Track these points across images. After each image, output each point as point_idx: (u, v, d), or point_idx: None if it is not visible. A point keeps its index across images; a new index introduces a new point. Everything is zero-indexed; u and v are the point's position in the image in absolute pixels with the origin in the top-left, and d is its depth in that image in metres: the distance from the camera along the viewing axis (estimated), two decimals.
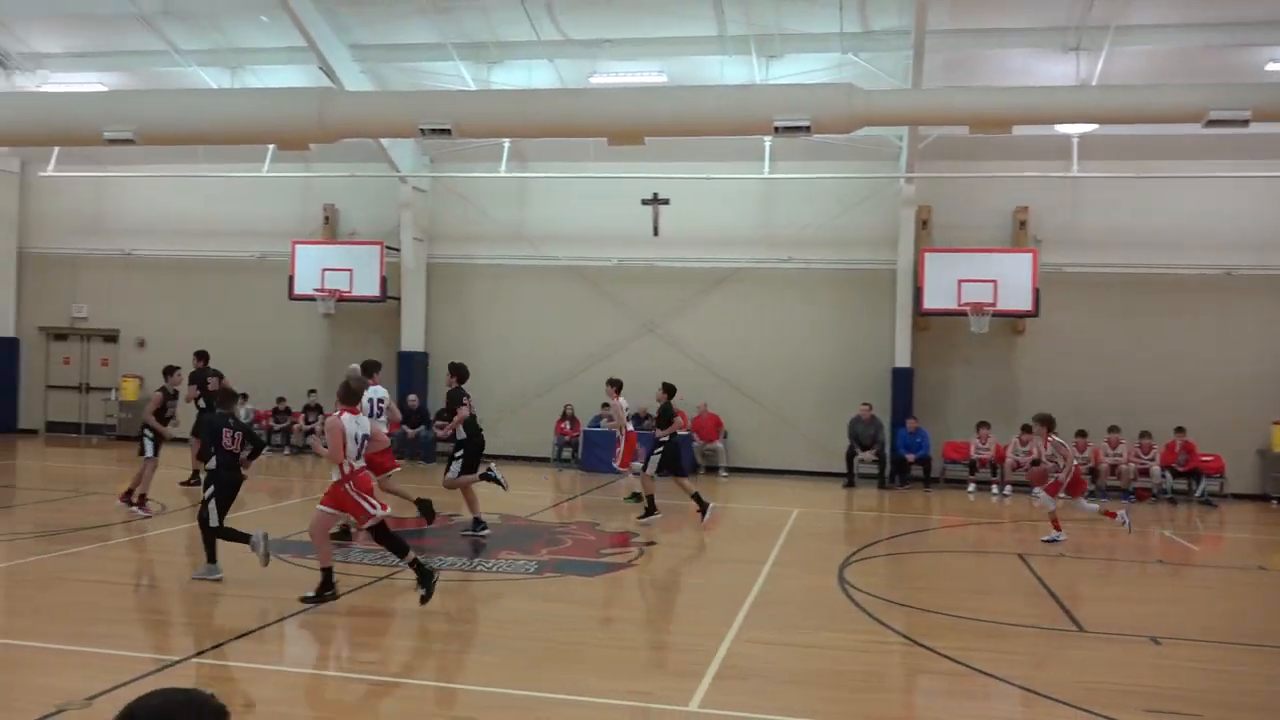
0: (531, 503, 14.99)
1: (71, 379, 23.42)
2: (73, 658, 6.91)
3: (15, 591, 9.19)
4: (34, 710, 5.75)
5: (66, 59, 20.29)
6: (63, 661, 6.85)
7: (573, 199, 20.56)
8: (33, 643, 7.32)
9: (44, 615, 8.20)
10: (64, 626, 7.76)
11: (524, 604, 8.93)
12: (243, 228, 22.03)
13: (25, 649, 7.19)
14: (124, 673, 6.45)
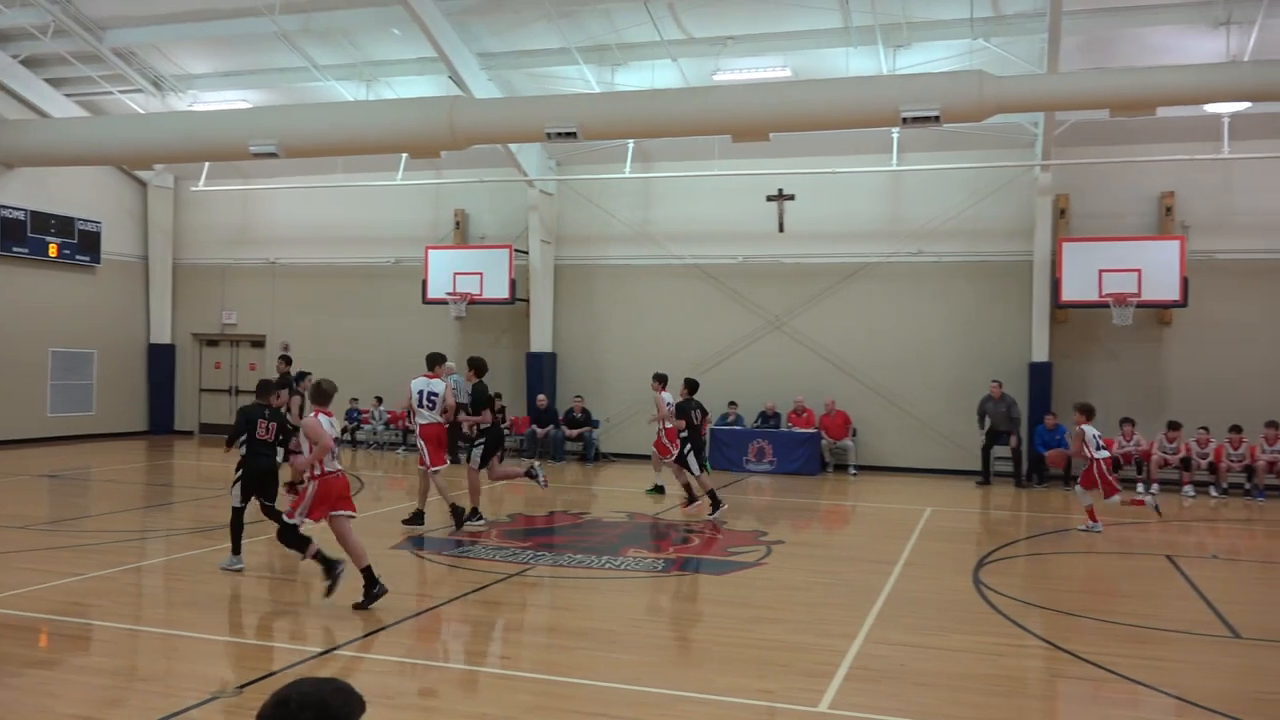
0: (658, 501, 15.02)
1: (222, 383, 24.65)
2: (225, 648, 7.26)
3: (173, 584, 9.71)
4: (190, 697, 6.07)
5: (214, 78, 21.36)
6: (216, 651, 7.20)
7: (697, 197, 20.56)
8: (189, 633, 7.73)
9: (199, 607, 8.64)
10: (217, 618, 8.16)
11: (653, 602, 8.97)
12: (378, 234, 22.78)
13: (182, 639, 7.59)
14: (272, 663, 6.74)
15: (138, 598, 9.25)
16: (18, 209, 21.10)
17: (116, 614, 8.41)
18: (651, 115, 17.09)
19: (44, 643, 7.50)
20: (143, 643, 7.58)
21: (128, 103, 21.81)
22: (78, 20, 19.61)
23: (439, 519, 12.74)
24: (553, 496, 15.83)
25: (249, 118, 19.43)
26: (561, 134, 17.06)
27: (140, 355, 23.91)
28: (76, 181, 22.33)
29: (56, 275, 22.15)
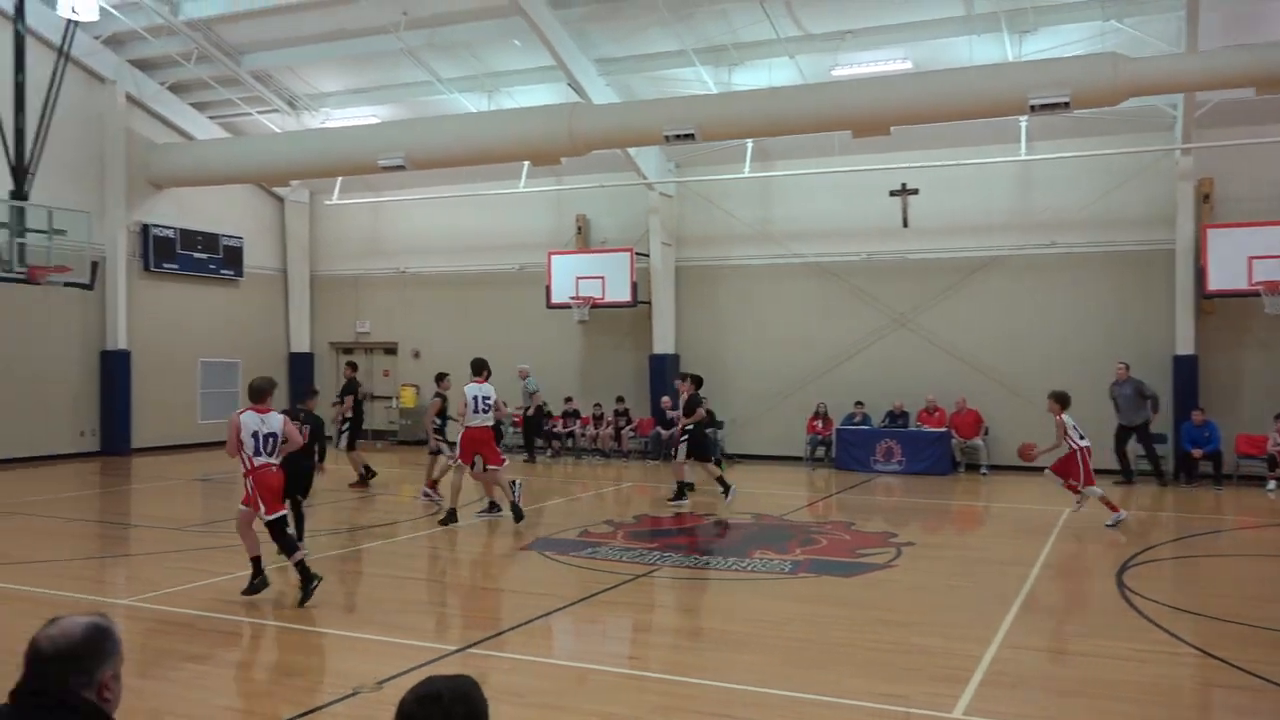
0: (785, 502, 14.92)
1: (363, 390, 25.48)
2: (365, 645, 7.51)
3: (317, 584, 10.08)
4: (332, 692, 6.31)
5: (344, 96, 22.17)
6: (356, 648, 7.46)
7: (818, 195, 20.33)
8: (330, 630, 8.03)
9: (341, 606, 8.98)
10: (357, 616, 8.46)
11: (780, 603, 8.90)
12: (503, 242, 23.25)
13: (324, 635, 7.90)
14: (410, 659, 6.95)
15: (282, 596, 9.66)
16: (168, 228, 22.29)
17: (263, 611, 8.80)
18: (770, 114, 17.02)
19: (198, 638, 7.90)
20: (287, 639, 7.91)
21: (265, 123, 22.82)
22: (218, 46, 20.62)
23: (564, 521, 12.89)
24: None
25: (377, 133, 20.13)
26: (680, 136, 17.15)
27: (281, 363, 24.95)
28: (220, 200, 23.47)
29: (203, 289, 23.32)
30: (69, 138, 19.34)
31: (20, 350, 19.38)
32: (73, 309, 20.20)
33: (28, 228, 16.21)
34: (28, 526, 12.85)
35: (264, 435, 8.78)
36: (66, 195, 18.84)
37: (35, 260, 16.24)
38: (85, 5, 17.36)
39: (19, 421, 19.39)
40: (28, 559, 10.68)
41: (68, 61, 17.50)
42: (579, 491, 16.98)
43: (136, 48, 20.95)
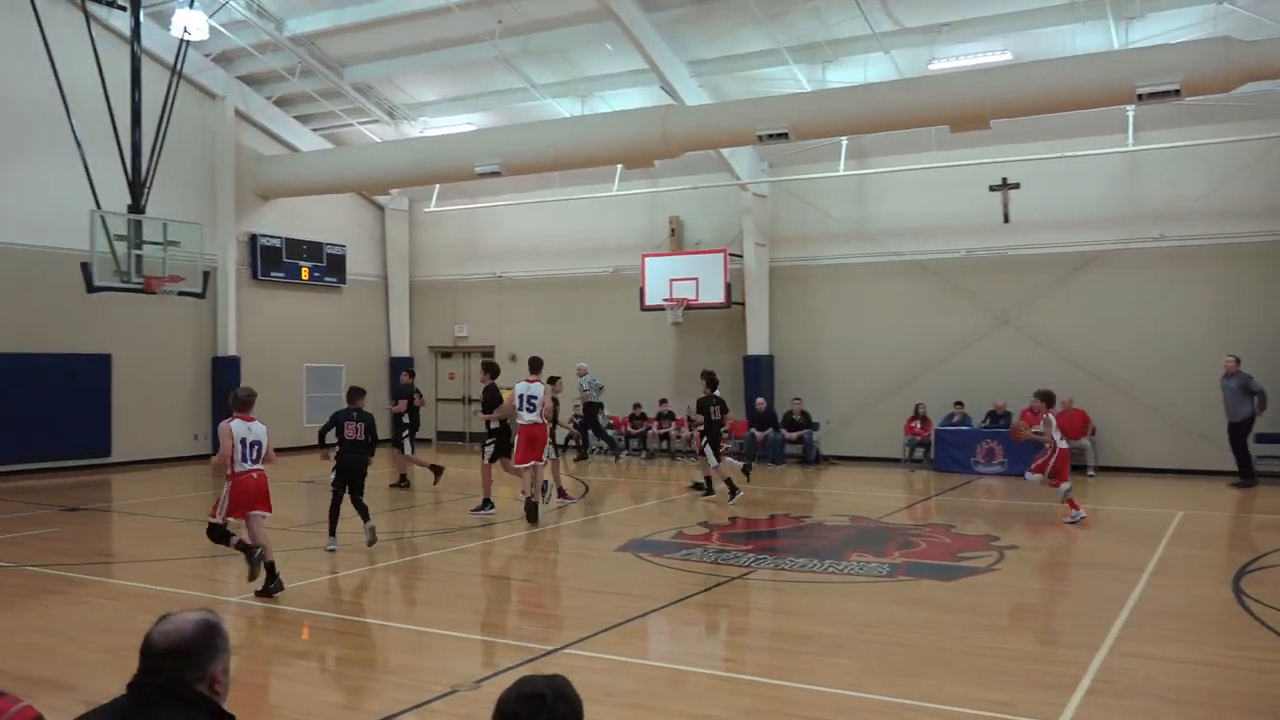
0: (882, 504, 14.70)
1: (455, 392, 25.99)
2: (463, 644, 7.65)
3: (416, 583, 10.33)
4: (432, 690, 6.44)
5: (442, 104, 22.62)
6: (455, 647, 7.60)
7: (915, 191, 19.98)
8: (431, 629, 8.20)
9: (440, 605, 9.16)
10: (456, 615, 8.62)
11: (878, 607, 8.78)
12: (596, 245, 23.42)
13: (424, 634, 8.07)
14: (507, 659, 7.05)
15: (386, 595, 9.90)
16: (274, 237, 23.04)
17: (367, 610, 9.04)
18: (864, 110, 16.81)
19: (305, 635, 8.15)
20: (389, 637, 8.10)
21: (366, 133, 23.43)
22: (321, 60, 21.24)
23: (658, 523, 12.91)
24: (774, 499, 15.78)
25: (474, 140, 20.50)
26: (773, 135, 17.05)
27: (383, 368, 25.55)
28: (323, 209, 24.15)
29: (308, 296, 24.03)
30: (182, 153, 20.12)
31: (139, 358, 20.23)
32: (186, 317, 21.03)
33: (144, 240, 16.89)
34: (145, 526, 13.42)
35: (250, 443, 9.17)
36: (179, 208, 19.61)
37: (151, 271, 16.90)
38: (197, 25, 18.06)
39: (139, 425, 20.26)
40: (144, 557, 11.15)
41: (181, 79, 18.20)
42: (673, 493, 17.00)
43: (244, 64, 21.72)
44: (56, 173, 18.12)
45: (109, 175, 17.01)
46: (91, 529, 13.16)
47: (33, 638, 7.83)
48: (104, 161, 16.96)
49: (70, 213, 17.62)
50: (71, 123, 16.46)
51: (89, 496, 15.94)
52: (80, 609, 8.75)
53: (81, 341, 19.17)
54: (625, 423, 22.42)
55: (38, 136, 18.25)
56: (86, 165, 16.47)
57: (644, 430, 22.04)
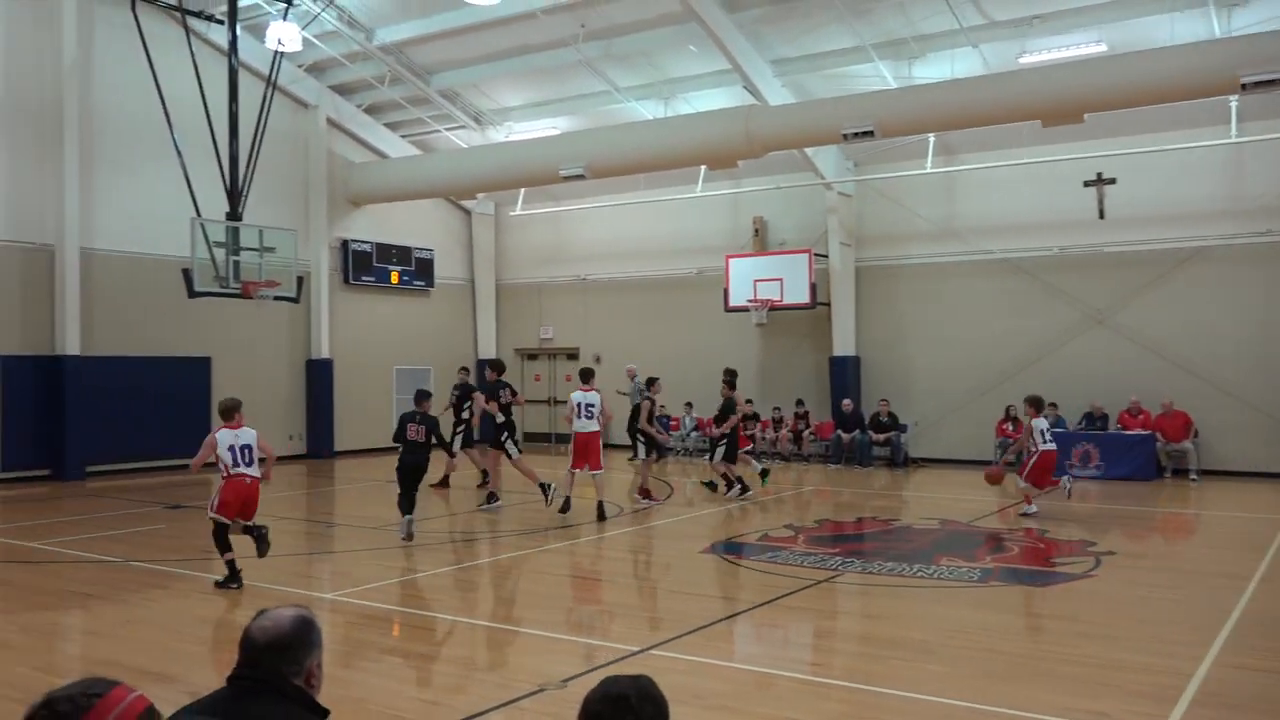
0: (973, 508, 14.41)
1: (542, 394, 26.23)
2: (551, 643, 7.71)
3: (504, 582, 10.45)
4: (520, 688, 6.50)
5: (527, 109, 22.88)
6: (542, 646, 7.66)
7: (1006, 188, 19.56)
8: (517, 628, 8.29)
9: (528, 604, 9.25)
10: (543, 614, 8.69)
11: (969, 613, 8.60)
12: (680, 246, 23.43)
13: (512, 633, 8.15)
14: (593, 659, 7.09)
15: (473, 593, 10.03)
16: (365, 242, 23.55)
17: (455, 608, 9.17)
18: (953, 106, 16.52)
19: (395, 632, 8.30)
20: (478, 635, 8.20)
21: (453, 139, 23.81)
22: (410, 68, 21.65)
23: (736, 526, 12.85)
24: (861, 502, 15.58)
25: (558, 144, 20.68)
26: (859, 134, 16.87)
27: (470, 369, 25.87)
28: (411, 214, 24.62)
29: (397, 300, 24.51)
30: (276, 161, 20.72)
31: (237, 360, 20.86)
32: (281, 321, 21.61)
33: (242, 246, 17.43)
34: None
35: (239, 447, 9.72)
36: (275, 215, 20.20)
37: (248, 276, 17.43)
38: (290, 37, 18.58)
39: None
40: (241, 555, 11.48)
41: (275, 90, 18.74)
42: (759, 495, 16.91)
43: (336, 74, 22.26)
44: (159, 182, 18.81)
45: (208, 184, 17.60)
46: (192, 526, 13.59)
47: (139, 631, 8.12)
48: (203, 171, 17.56)
49: (172, 221, 18.27)
50: (173, 134, 17.09)
51: (190, 495, 16.47)
52: (182, 603, 9.04)
53: (183, 345, 19.84)
54: (709, 424, 22.32)
55: (142, 148, 18.97)
56: (187, 175, 17.10)
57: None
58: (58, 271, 18.04)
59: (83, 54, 18.39)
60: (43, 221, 18.03)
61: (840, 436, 20.48)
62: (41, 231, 18.01)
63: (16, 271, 17.75)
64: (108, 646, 7.75)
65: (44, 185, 18.02)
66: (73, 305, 18.07)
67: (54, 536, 12.30)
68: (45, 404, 17.93)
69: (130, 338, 18.99)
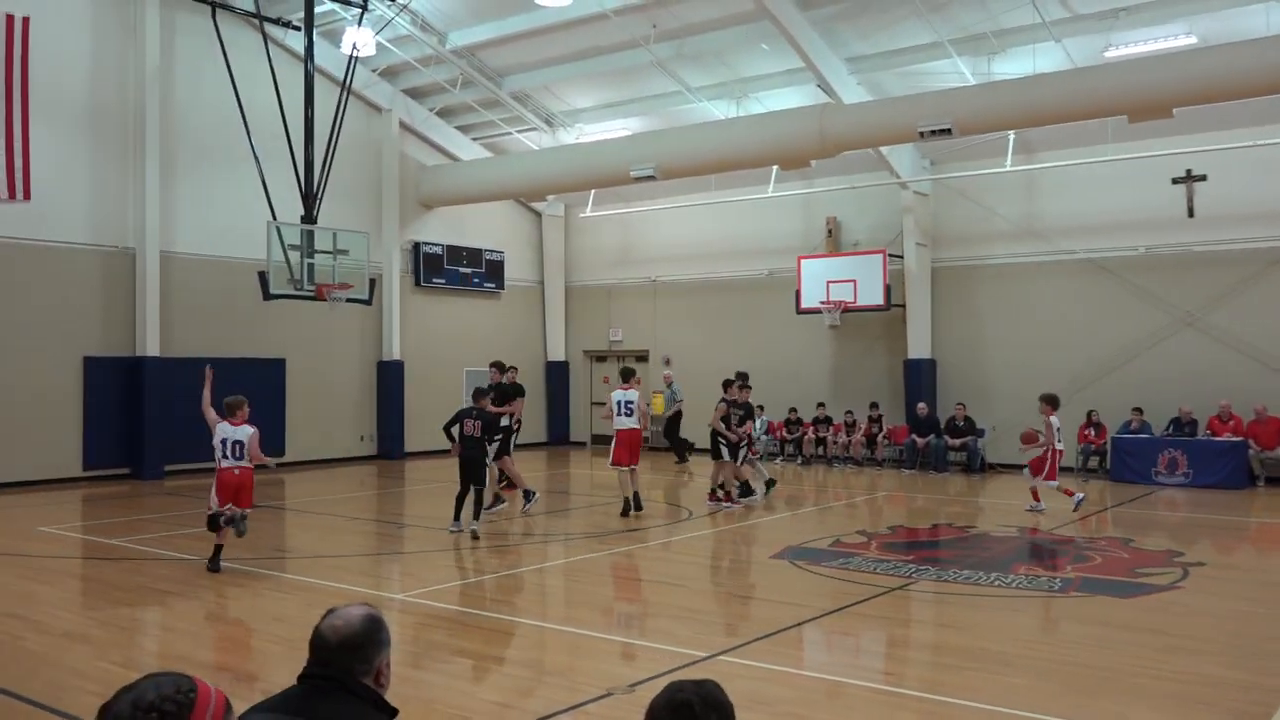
0: (1053, 515, 14.09)
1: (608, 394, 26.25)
2: (619, 647, 7.71)
3: (573, 585, 10.49)
4: (588, 691, 6.51)
5: (597, 110, 22.98)
6: (611, 650, 7.67)
7: (1089, 186, 19.11)
8: (586, 631, 8.31)
9: (595, 607, 9.28)
10: (611, 618, 8.70)
11: (1049, 624, 8.41)
12: (751, 247, 23.32)
13: (580, 636, 8.17)
14: (662, 664, 7.07)
15: (542, 596, 10.09)
16: (436, 244, 23.86)
17: (525, 610, 9.23)
18: (1034, 102, 16.19)
19: (463, 634, 8.38)
20: (548, 638, 8.24)
21: (524, 141, 24.01)
22: (481, 71, 21.89)
23: (815, 530, 12.74)
24: (936, 508, 15.35)
25: (629, 145, 20.73)
26: (936, 131, 16.62)
27: (539, 372, 26.10)
28: (482, 217, 24.88)
29: (468, 302, 24.78)
30: (350, 165, 21.10)
31: (311, 362, 21.28)
32: (353, 323, 21.99)
33: (316, 249, 17.78)
34: (315, 524, 14.09)
35: (231, 443, 10.46)
36: (348, 218, 20.57)
37: (322, 279, 17.78)
38: (365, 41, 18.90)
39: (310, 426, 21.28)
40: (315, 553, 11.70)
41: (349, 95, 19.08)
42: (831, 500, 16.75)
43: (408, 78, 22.60)
44: (236, 187, 19.27)
45: (283, 188, 17.98)
46: (266, 526, 13.89)
47: (215, 628, 8.32)
48: (279, 175, 17.93)
49: (249, 224, 18.73)
50: (250, 139, 17.47)
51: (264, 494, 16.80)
52: (257, 601, 9.24)
53: (258, 346, 20.29)
54: (781, 427, 22.22)
55: (220, 153, 19.46)
56: (264, 179, 17.48)
57: (799, 435, 21.79)
58: (138, 274, 18.58)
59: (164, 61, 18.93)
60: (124, 225, 18.59)
61: (915, 441, 20.19)
62: (123, 235, 18.58)
63: (99, 274, 18.32)
64: (185, 643, 7.95)
65: (125, 190, 18.58)
66: (153, 307, 18.59)
67: (134, 534, 12.66)
68: (125, 404, 18.47)
69: (207, 339, 19.47)
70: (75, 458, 18.01)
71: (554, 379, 26.38)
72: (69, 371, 17.91)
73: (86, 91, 18.15)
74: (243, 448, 10.52)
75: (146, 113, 18.51)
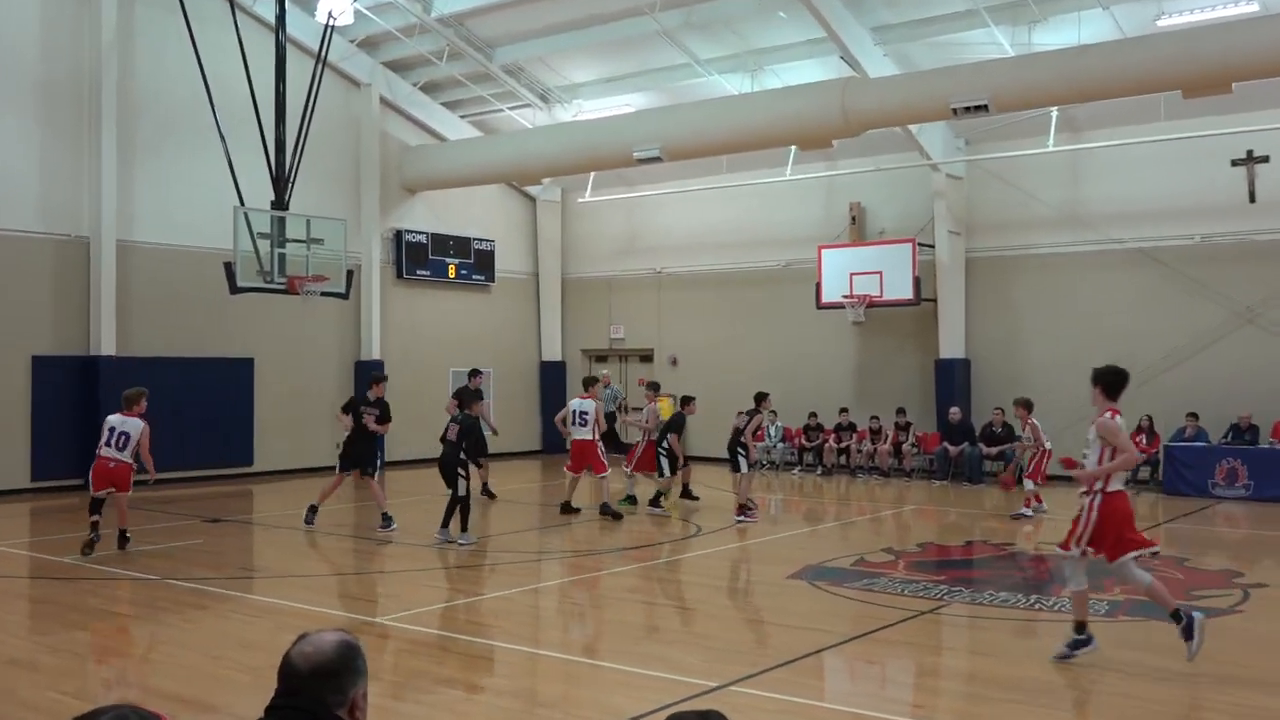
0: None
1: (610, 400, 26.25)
2: (619, 676, 7.70)
3: (569, 608, 10.49)
4: None
5: (597, 85, 22.99)
6: (610, 679, 7.66)
7: (1139, 168, 19.10)
8: (583, 658, 8.31)
9: (596, 632, 9.28)
10: (613, 643, 8.71)
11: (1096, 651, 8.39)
12: (767, 236, 23.33)
13: (577, 664, 8.17)
14: (666, 694, 7.06)
15: (535, 620, 10.09)
16: (420, 233, 23.88)
17: (516, 635, 9.22)
18: (1079, 76, 16.18)
19: (450, 661, 8.37)
20: (541, 666, 8.24)
21: (517, 119, 24.03)
22: (470, 41, 21.91)
23: (840, 548, 12.73)
24: (970, 524, 15.34)
25: (632, 122, 20.74)
26: (970, 108, 16.62)
27: (533, 373, 26.13)
28: (471, 202, 24.91)
29: (455, 296, 24.80)
30: (326, 145, 21.12)
31: (282, 362, 21.29)
32: (329, 319, 21.99)
33: (287, 237, 17.73)
34: (286, 540, 14.09)
35: (117, 433, 11.60)
36: (323, 203, 20.59)
37: (294, 270, 17.74)
38: (342, 9, 18.88)
39: (281, 433, 21.28)
40: (285, 572, 11.71)
41: (325, 68, 19.05)
42: (854, 515, 16.74)
43: (390, 49, 22.61)
44: (201, 170, 19.32)
45: (252, 171, 17.97)
46: (233, 541, 13.91)
47: (177, 654, 8.32)
48: (248, 157, 17.91)
49: (214, 211, 18.75)
50: (216, 117, 17.43)
51: (231, 507, 16.87)
52: (222, 625, 9.24)
53: (224, 345, 20.32)
54: (799, 434, 22.22)
55: (182, 133, 19.51)
56: (230, 161, 17.40)
57: (820, 443, 21.78)
58: (93, 265, 18.62)
59: (122, 32, 18.96)
60: (77, 212, 18.63)
61: (947, 449, 20.18)
62: (76, 223, 18.61)
63: (49, 266, 18.36)
64: (143, 670, 7.95)
65: (79, 173, 18.62)
66: (108, 302, 18.62)
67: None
68: (78, 409, 18.47)
69: (169, 337, 19.51)
70: (22, 468, 18.05)
71: (549, 381, 26.38)
72: (15, 373, 17.95)
73: (36, 64, 18.19)
74: (128, 439, 11.28)
75: (102, 88, 18.54)
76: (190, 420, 19.60)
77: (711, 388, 21.90)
